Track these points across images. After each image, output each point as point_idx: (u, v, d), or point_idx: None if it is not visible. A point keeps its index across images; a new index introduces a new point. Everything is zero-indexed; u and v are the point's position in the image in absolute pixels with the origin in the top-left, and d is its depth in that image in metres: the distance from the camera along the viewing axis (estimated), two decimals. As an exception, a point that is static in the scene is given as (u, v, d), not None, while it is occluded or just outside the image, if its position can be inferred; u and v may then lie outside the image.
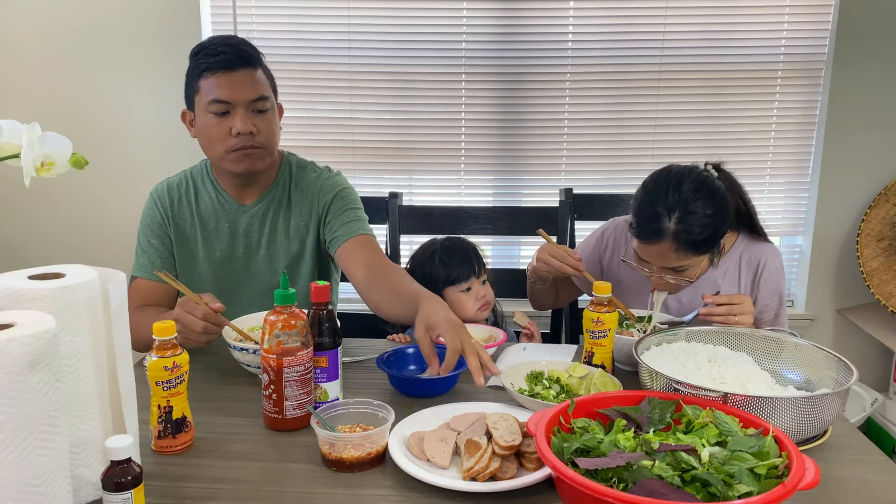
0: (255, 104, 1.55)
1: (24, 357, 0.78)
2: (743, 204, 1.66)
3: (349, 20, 2.59)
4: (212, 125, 1.54)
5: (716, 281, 1.69)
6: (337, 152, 2.66)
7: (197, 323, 1.33)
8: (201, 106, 1.55)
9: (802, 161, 2.70)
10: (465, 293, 1.77)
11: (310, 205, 1.68)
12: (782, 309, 1.70)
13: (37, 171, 1.02)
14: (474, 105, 2.65)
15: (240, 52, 1.53)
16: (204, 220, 1.68)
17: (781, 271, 1.70)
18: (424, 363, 1.43)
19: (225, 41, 1.55)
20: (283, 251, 1.69)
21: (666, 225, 1.47)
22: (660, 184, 1.52)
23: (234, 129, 1.53)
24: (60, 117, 2.60)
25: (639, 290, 1.73)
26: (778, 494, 0.81)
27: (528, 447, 1.05)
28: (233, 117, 1.53)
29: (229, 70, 1.52)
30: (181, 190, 1.69)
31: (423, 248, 1.86)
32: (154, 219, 1.68)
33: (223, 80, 1.52)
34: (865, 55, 2.56)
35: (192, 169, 1.74)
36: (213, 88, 1.52)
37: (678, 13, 2.57)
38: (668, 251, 1.50)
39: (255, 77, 1.55)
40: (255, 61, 1.56)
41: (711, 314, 1.49)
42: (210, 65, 1.52)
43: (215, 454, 1.11)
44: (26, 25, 2.58)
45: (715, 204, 1.49)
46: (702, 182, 1.51)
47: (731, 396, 1.06)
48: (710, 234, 1.50)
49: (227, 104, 1.53)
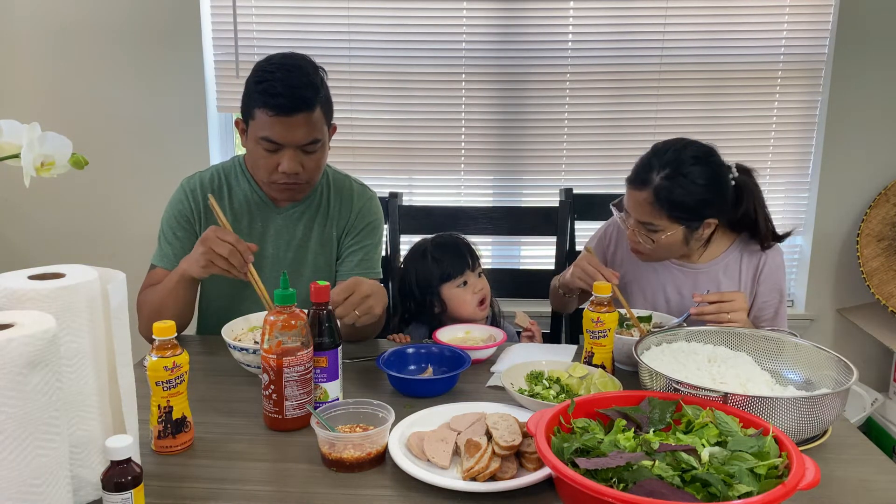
0: (306, 146, 1.54)
1: (24, 357, 0.78)
2: (754, 212, 1.64)
3: (349, 20, 2.59)
4: (260, 156, 1.54)
5: (717, 275, 1.69)
6: (337, 152, 2.66)
7: (224, 245, 1.36)
8: (253, 132, 1.53)
9: (802, 161, 2.70)
10: (462, 288, 1.76)
11: (346, 220, 1.71)
12: (782, 307, 1.69)
13: (37, 171, 1.02)
14: (474, 105, 2.65)
15: (299, 98, 1.48)
16: (237, 216, 1.67)
17: (782, 269, 1.70)
18: (424, 363, 1.44)
19: (287, 79, 1.48)
20: (311, 256, 1.69)
21: (653, 176, 1.52)
22: (668, 144, 1.57)
23: (281, 167, 1.53)
24: (60, 117, 2.61)
25: (640, 283, 1.74)
26: (778, 494, 0.81)
27: (528, 447, 1.05)
28: (282, 155, 1.53)
29: (284, 115, 1.48)
30: (213, 185, 1.68)
31: (414, 249, 1.86)
32: (182, 211, 1.66)
33: (277, 122, 1.49)
34: (865, 55, 2.56)
35: (223, 165, 1.73)
36: (266, 126, 1.50)
37: (678, 13, 2.57)
38: (645, 202, 1.53)
39: (311, 120, 1.51)
40: (314, 103, 1.51)
41: (702, 313, 1.49)
42: (267, 104, 1.48)
43: (215, 454, 1.11)
44: (26, 25, 2.58)
45: (708, 180, 1.51)
46: (707, 159, 1.54)
47: (731, 396, 1.06)
48: (690, 204, 1.51)
49: (277, 144, 1.52)
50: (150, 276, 1.65)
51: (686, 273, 1.70)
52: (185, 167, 1.76)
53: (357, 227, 1.71)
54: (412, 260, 1.84)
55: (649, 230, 1.56)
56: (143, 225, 1.63)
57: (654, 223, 1.55)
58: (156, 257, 1.66)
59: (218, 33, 2.62)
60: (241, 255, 1.39)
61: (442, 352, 1.45)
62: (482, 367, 1.47)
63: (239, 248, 1.38)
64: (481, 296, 1.77)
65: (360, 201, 1.73)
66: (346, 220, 1.71)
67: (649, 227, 1.56)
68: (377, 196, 1.79)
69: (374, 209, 1.75)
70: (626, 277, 1.75)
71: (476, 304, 1.76)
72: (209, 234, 1.40)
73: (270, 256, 1.68)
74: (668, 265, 1.71)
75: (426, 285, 1.77)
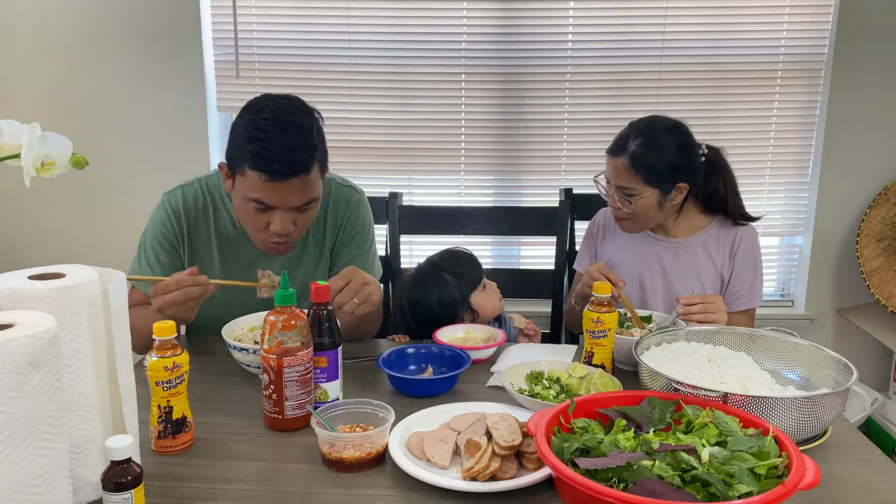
0: (301, 207, 1.44)
1: (25, 357, 0.78)
2: (724, 187, 1.77)
3: (349, 20, 2.59)
4: (250, 213, 1.43)
5: (696, 251, 1.80)
6: (337, 152, 2.66)
7: (176, 294, 1.29)
8: (242, 189, 1.41)
9: (802, 161, 2.70)
10: (485, 292, 1.76)
11: (336, 232, 1.65)
12: (757, 283, 1.79)
13: (37, 171, 1.02)
14: (474, 105, 2.65)
15: (295, 163, 1.36)
16: (223, 244, 1.59)
17: (757, 246, 1.81)
18: (424, 363, 1.44)
19: (281, 142, 1.35)
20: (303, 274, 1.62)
21: (629, 143, 1.68)
22: (643, 118, 1.75)
23: (272, 227, 1.43)
24: (60, 117, 2.61)
25: (626, 260, 1.83)
26: (778, 494, 0.81)
27: (528, 447, 1.05)
28: (273, 214, 1.42)
29: (279, 180, 1.36)
30: (198, 206, 1.58)
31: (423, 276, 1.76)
32: (165, 234, 1.56)
33: (270, 186, 1.37)
34: (865, 55, 2.56)
35: (206, 179, 1.62)
36: (259, 189, 1.38)
37: (678, 13, 2.57)
38: (622, 168, 1.68)
39: (307, 181, 1.40)
40: (311, 165, 1.39)
41: (688, 314, 1.54)
42: (259, 167, 1.35)
43: (215, 454, 1.11)
44: (26, 25, 2.58)
45: (677, 147, 1.68)
46: (676, 129, 1.71)
47: (731, 396, 1.06)
48: (662, 169, 1.66)
49: (270, 207, 1.41)
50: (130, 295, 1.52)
51: (668, 248, 1.81)
52: (186, 167, 1.76)
53: (347, 236, 1.65)
54: (427, 285, 1.73)
55: (627, 194, 1.70)
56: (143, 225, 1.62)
57: (631, 187, 1.68)
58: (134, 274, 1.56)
59: (218, 33, 2.61)
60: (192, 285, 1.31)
61: (442, 352, 1.45)
62: (482, 367, 1.47)
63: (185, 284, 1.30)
64: (498, 291, 1.80)
65: (347, 210, 1.65)
66: (335, 233, 1.65)
67: (627, 192, 1.69)
68: (365, 196, 1.71)
69: (362, 215, 1.67)
70: (615, 256, 1.86)
71: (497, 299, 1.79)
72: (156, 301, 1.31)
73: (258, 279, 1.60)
74: (652, 241, 1.82)
75: (453, 302, 1.71)
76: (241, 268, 1.60)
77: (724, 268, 1.79)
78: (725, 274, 1.79)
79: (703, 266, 1.78)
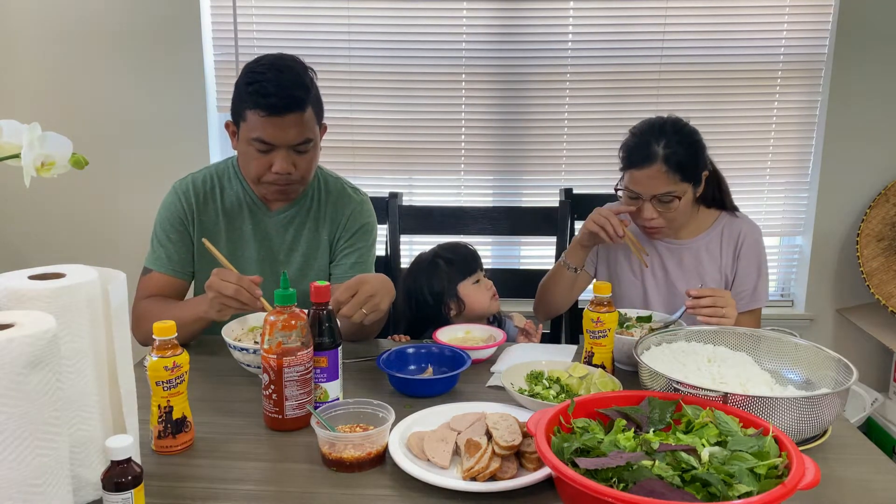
0: (298, 146, 1.54)
1: (25, 357, 0.78)
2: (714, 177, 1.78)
3: (349, 20, 2.59)
4: (252, 157, 1.55)
5: (699, 252, 1.78)
6: (337, 152, 2.66)
7: (228, 286, 1.34)
8: (245, 134, 1.54)
9: (802, 161, 2.70)
10: (476, 285, 1.80)
11: (339, 224, 1.70)
12: (761, 282, 1.77)
13: (37, 171, 1.02)
14: (474, 105, 2.65)
15: (290, 98, 1.49)
16: (230, 218, 1.67)
17: (761, 245, 1.79)
18: (424, 363, 1.44)
19: (278, 80, 1.48)
20: (301, 259, 1.69)
21: (656, 149, 1.65)
22: (645, 123, 1.73)
23: (274, 167, 1.53)
24: (60, 117, 2.61)
25: (629, 263, 1.82)
26: (778, 494, 0.81)
27: (528, 447, 1.05)
28: (274, 155, 1.53)
29: (276, 115, 1.49)
30: (206, 187, 1.67)
31: (420, 262, 1.86)
32: (175, 214, 1.65)
33: (269, 122, 1.49)
34: (865, 55, 2.56)
35: (216, 166, 1.72)
36: (258, 127, 1.50)
37: (678, 13, 2.57)
38: (658, 173, 1.65)
39: (303, 120, 1.52)
40: (305, 103, 1.52)
41: (697, 307, 1.52)
42: (258, 104, 1.48)
43: (215, 454, 1.12)
44: (26, 25, 2.58)
45: (693, 136, 1.70)
46: (681, 122, 1.72)
47: (731, 396, 1.06)
48: (694, 161, 1.67)
49: (270, 145, 1.52)
50: (146, 280, 1.63)
51: (671, 249, 1.80)
52: (186, 167, 1.76)
53: (350, 229, 1.71)
54: (421, 271, 1.83)
55: (666, 201, 1.67)
56: (143, 225, 1.62)
57: (672, 190, 1.66)
58: (149, 260, 1.65)
59: (218, 33, 2.61)
60: (247, 291, 1.36)
61: (442, 352, 1.45)
62: (482, 367, 1.47)
63: (243, 286, 1.36)
64: (493, 292, 1.82)
65: (352, 204, 1.72)
66: (338, 224, 1.71)
67: (667, 198, 1.67)
68: (369, 198, 1.79)
69: (367, 212, 1.75)
70: (616, 260, 1.85)
71: (490, 297, 1.80)
72: (213, 280, 1.37)
73: (258, 259, 1.67)
74: (655, 242, 1.80)
75: (441, 290, 1.79)
76: (245, 241, 1.66)
77: (727, 268, 1.78)
78: (729, 274, 1.78)
79: (705, 267, 1.78)
